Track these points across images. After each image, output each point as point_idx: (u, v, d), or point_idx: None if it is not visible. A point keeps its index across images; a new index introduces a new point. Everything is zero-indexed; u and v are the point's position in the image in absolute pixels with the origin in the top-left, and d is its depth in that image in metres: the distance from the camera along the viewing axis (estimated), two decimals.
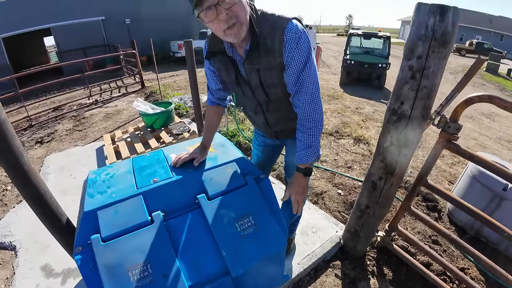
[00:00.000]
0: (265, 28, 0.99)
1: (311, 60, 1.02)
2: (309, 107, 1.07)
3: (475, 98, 1.30)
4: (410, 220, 2.36)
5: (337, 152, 3.60)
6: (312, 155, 1.14)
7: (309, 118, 1.09)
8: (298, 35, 0.96)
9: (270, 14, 1.01)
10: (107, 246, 0.99)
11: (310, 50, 1.00)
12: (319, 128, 1.12)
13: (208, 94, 1.37)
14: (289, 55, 0.99)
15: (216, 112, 1.39)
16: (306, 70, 1.02)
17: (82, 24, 13.54)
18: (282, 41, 0.97)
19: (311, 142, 1.12)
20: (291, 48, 0.98)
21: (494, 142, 4.92)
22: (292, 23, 0.97)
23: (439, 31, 1.20)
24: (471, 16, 31.13)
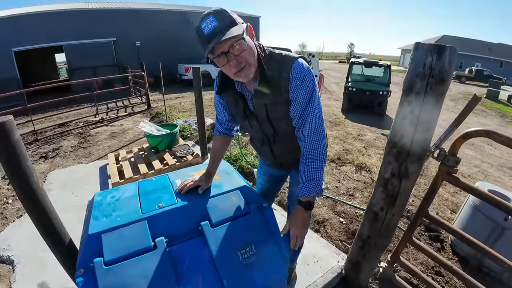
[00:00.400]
0: (273, 67, 1.07)
1: (315, 96, 1.08)
2: (313, 141, 1.12)
3: (472, 133, 1.34)
4: (412, 250, 2.32)
5: (339, 179, 3.60)
6: (314, 189, 1.15)
7: (312, 151, 1.13)
8: (303, 73, 1.04)
9: (277, 54, 1.09)
10: (110, 270, 1.00)
11: (314, 87, 1.07)
12: (322, 162, 1.14)
13: (217, 124, 1.43)
14: (294, 92, 1.06)
15: (223, 142, 1.45)
16: (310, 106, 1.08)
17: (94, 44, 14.00)
18: (288, 78, 1.04)
19: (314, 175, 1.14)
20: (296, 85, 1.05)
21: (496, 170, 4.91)
22: (298, 62, 1.05)
23: (436, 69, 1.26)
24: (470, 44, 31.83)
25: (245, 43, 0.97)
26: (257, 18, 20.57)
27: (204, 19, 0.93)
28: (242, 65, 1.00)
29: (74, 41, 13.48)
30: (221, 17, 0.93)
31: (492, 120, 9.39)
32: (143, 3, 18.63)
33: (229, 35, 0.90)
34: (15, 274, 1.92)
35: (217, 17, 0.92)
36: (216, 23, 0.91)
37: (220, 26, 0.91)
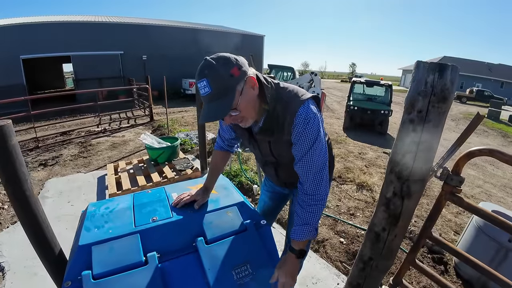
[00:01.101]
0: (279, 108, 1.05)
1: (317, 143, 1.04)
2: (311, 186, 1.08)
3: (476, 151, 1.32)
4: (415, 273, 2.24)
5: (339, 198, 3.54)
6: (308, 234, 1.10)
7: (310, 196, 1.09)
8: (307, 120, 1.01)
9: (286, 93, 1.06)
10: (98, 285, 0.95)
11: (318, 134, 1.03)
12: (319, 207, 1.10)
13: (218, 140, 1.42)
14: (296, 136, 1.04)
15: (223, 157, 1.43)
16: (311, 152, 1.04)
17: (101, 56, 14.32)
18: (292, 122, 1.03)
19: (309, 219, 1.10)
20: (299, 131, 1.03)
21: (499, 190, 4.84)
22: (304, 107, 1.01)
23: (438, 87, 1.25)
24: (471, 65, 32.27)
25: (239, 107, 0.96)
26: (262, 37, 21.08)
27: (199, 80, 0.91)
28: (238, 120, 1.02)
29: (82, 52, 13.78)
30: (215, 83, 0.89)
31: (494, 140, 9.37)
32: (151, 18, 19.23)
33: (221, 115, 0.93)
34: (4, 281, 1.88)
35: (211, 81, 0.89)
36: (209, 90, 0.89)
37: (212, 94, 0.90)
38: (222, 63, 0.90)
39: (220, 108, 0.92)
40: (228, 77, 0.90)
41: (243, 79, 0.94)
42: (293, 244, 1.13)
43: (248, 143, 1.25)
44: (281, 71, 12.50)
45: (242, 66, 0.94)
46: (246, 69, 0.96)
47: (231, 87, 0.92)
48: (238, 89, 0.93)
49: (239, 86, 0.93)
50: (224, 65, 0.90)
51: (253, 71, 1.01)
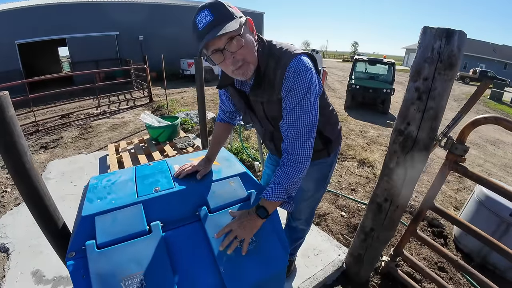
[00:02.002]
0: (270, 64, 1.00)
1: (307, 98, 0.97)
2: (292, 145, 1.02)
3: (481, 119, 1.29)
4: (415, 245, 2.28)
5: (341, 174, 3.56)
6: (278, 195, 1.03)
7: (289, 155, 1.04)
8: (297, 72, 0.94)
9: (277, 49, 1.00)
10: (102, 254, 0.96)
11: (309, 87, 0.97)
12: (296, 169, 1.02)
13: (220, 112, 1.40)
14: (285, 90, 0.98)
15: (224, 128, 1.41)
16: (298, 107, 0.98)
17: (97, 37, 14.01)
18: (283, 77, 0.97)
19: (281, 180, 1.04)
20: (288, 84, 0.97)
21: (500, 169, 4.87)
22: (295, 60, 0.95)
23: (445, 53, 1.22)
24: (475, 45, 31.70)
25: (242, 40, 0.90)
26: (261, 14, 20.45)
27: (199, 12, 0.87)
28: (240, 63, 0.94)
29: (77, 34, 13.48)
30: (217, 11, 0.86)
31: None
32: None
33: (223, 31, 0.83)
34: (9, 262, 1.90)
35: (212, 10, 0.85)
36: (211, 17, 0.85)
37: (214, 20, 0.85)
38: (220, 3, 0.88)
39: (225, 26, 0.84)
40: (229, 11, 0.88)
41: (243, 18, 0.93)
42: (262, 201, 1.06)
43: (245, 113, 1.22)
44: None
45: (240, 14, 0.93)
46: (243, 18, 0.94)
47: (233, 16, 0.89)
48: (240, 21, 0.90)
49: (241, 19, 0.91)
50: (223, 4, 0.88)
51: None
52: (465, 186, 3.64)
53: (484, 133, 7.57)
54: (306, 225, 1.59)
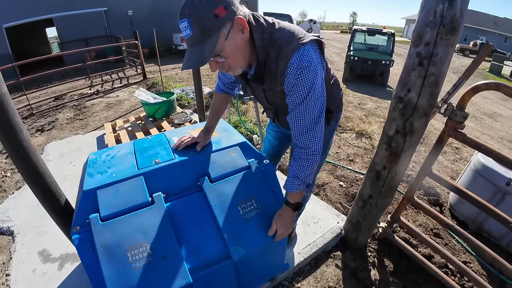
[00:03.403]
0: (271, 54, 0.95)
1: (311, 95, 0.95)
2: (303, 139, 1.02)
3: (482, 85, 1.27)
4: (412, 212, 2.34)
5: (339, 146, 3.58)
6: (298, 187, 1.08)
7: (301, 149, 1.04)
8: (300, 69, 0.90)
9: (279, 37, 0.93)
10: (106, 226, 0.98)
11: (313, 85, 0.93)
12: (310, 161, 1.05)
13: (219, 82, 1.35)
14: (288, 87, 0.96)
15: (223, 99, 1.37)
16: (304, 104, 0.96)
17: (84, 15, 13.43)
18: (284, 72, 0.93)
19: (298, 173, 1.06)
20: (291, 81, 0.93)
21: (496, 142, 4.91)
22: (298, 53, 0.89)
23: (447, 17, 1.18)
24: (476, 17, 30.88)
25: (222, 58, 0.88)
26: None
27: (180, 18, 0.81)
28: (226, 69, 0.94)
29: (64, 12, 12.92)
30: (197, 24, 0.80)
31: (494, 94, 9.23)
32: None
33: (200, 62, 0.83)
34: (15, 244, 1.91)
35: (192, 23, 0.80)
36: (190, 32, 0.81)
37: (193, 37, 0.82)
38: (206, 1, 0.79)
39: (201, 54, 0.83)
40: (211, 18, 0.80)
41: (229, 21, 0.83)
42: (288, 196, 1.13)
43: (245, 90, 1.20)
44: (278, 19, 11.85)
45: (230, 4, 0.82)
46: (235, 8, 0.84)
47: (215, 29, 0.82)
48: (223, 32, 0.83)
49: (224, 29, 0.83)
50: (208, 4, 0.79)
51: (244, 11, 0.90)
52: (462, 157, 3.68)
53: (482, 105, 7.55)
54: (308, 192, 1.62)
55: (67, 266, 1.71)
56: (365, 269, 1.76)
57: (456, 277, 1.77)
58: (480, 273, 1.83)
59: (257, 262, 1.26)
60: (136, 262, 0.93)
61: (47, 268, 1.71)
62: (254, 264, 1.25)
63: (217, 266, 1.04)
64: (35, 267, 1.72)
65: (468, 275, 1.54)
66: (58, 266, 1.71)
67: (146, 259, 0.94)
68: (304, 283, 1.65)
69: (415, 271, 1.77)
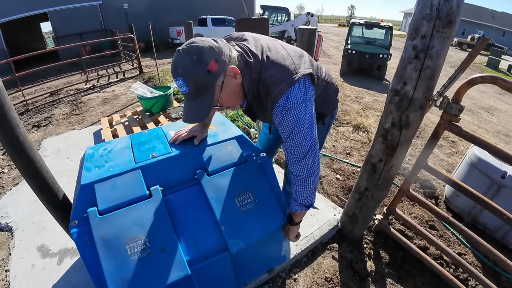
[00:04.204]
0: (261, 92, 0.98)
1: (296, 130, 0.96)
2: (294, 167, 1.05)
3: (478, 78, 1.28)
4: (407, 205, 2.37)
5: (336, 139, 3.59)
6: (299, 208, 1.14)
7: (294, 176, 1.08)
8: (285, 110, 0.93)
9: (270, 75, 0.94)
10: (104, 219, 0.98)
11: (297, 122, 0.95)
12: (304, 187, 1.08)
13: None
14: (276, 122, 1.00)
15: None
16: (290, 139, 0.99)
17: (79, 8, 13.22)
18: (272, 110, 0.97)
19: (296, 196, 1.12)
20: (276, 120, 0.99)
21: (492, 136, 4.93)
22: (284, 97, 0.92)
23: (443, 10, 1.18)
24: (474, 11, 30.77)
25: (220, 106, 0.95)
26: None
27: (174, 76, 0.84)
28: (224, 108, 1.02)
29: (58, 7, 12.72)
30: (191, 81, 0.83)
31: (491, 88, 9.26)
32: None
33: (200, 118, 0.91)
34: (14, 240, 1.91)
35: (187, 81, 0.82)
36: (187, 88, 0.84)
37: (190, 94, 0.86)
38: (196, 60, 0.80)
39: (200, 108, 0.88)
40: (204, 75, 0.82)
41: (222, 72, 0.86)
42: (293, 216, 1.20)
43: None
44: (275, 12, 11.76)
45: (220, 55, 0.84)
46: (225, 57, 0.85)
47: (210, 84, 0.85)
48: (218, 84, 0.87)
49: (218, 81, 0.87)
50: (199, 62, 0.81)
51: (233, 55, 0.91)
52: (458, 150, 3.70)
53: (478, 99, 7.58)
54: None
55: (66, 261, 1.72)
56: (361, 261, 1.78)
57: (451, 269, 1.80)
58: (475, 264, 1.86)
59: (255, 254, 1.28)
60: (135, 255, 0.94)
61: (46, 263, 1.71)
62: (252, 256, 1.27)
63: (215, 258, 1.05)
64: (34, 262, 1.72)
65: (463, 266, 1.57)
66: (57, 261, 1.72)
67: (144, 251, 0.95)
68: (301, 275, 1.68)
69: (411, 262, 1.80)
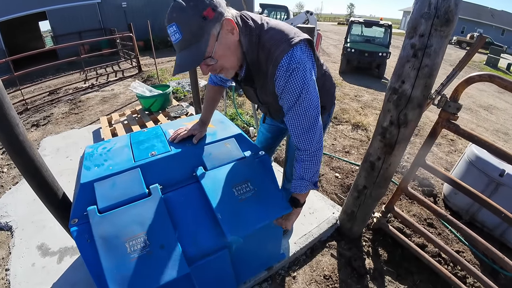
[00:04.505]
0: (261, 56, 0.94)
1: (304, 95, 0.93)
2: (301, 141, 1.02)
3: (475, 77, 1.29)
4: (406, 203, 2.38)
5: (335, 137, 3.60)
6: (306, 187, 1.09)
7: (302, 151, 1.04)
8: (289, 72, 0.90)
9: (269, 38, 0.92)
10: (104, 218, 0.99)
11: (303, 85, 0.92)
12: (313, 162, 1.05)
13: (211, 75, 1.34)
14: (279, 89, 0.96)
15: (217, 91, 1.37)
16: (297, 105, 0.95)
17: (77, 7, 13.18)
18: (274, 74, 0.93)
19: (304, 174, 1.07)
20: (281, 84, 0.93)
21: (491, 134, 4.94)
22: (287, 56, 0.89)
23: (442, 9, 1.19)
24: (473, 9, 30.73)
25: (213, 60, 0.87)
26: None
27: (167, 24, 0.81)
28: (218, 71, 0.94)
29: (57, 5, 12.67)
30: (185, 28, 0.79)
31: (490, 86, 9.26)
32: None
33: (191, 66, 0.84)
34: (14, 239, 1.92)
35: (181, 27, 0.79)
36: (180, 35, 0.80)
37: (183, 41, 0.81)
38: (193, 4, 0.78)
39: (192, 57, 0.83)
40: (200, 20, 0.79)
41: (218, 22, 0.83)
42: (297, 196, 1.14)
43: (237, 87, 1.22)
44: (274, 11, 11.72)
45: (217, 6, 0.82)
46: (222, 9, 0.83)
47: (204, 31, 0.81)
48: (213, 33, 0.83)
49: (214, 30, 0.83)
50: (196, 6, 0.78)
51: (232, 12, 0.89)
52: (457, 148, 3.71)
53: (477, 98, 7.58)
54: None
55: (66, 259, 1.72)
56: (359, 258, 1.79)
57: (449, 266, 1.81)
58: (473, 262, 1.87)
59: (254, 251, 1.28)
60: (134, 253, 0.95)
61: (46, 261, 1.72)
62: (251, 253, 1.28)
63: (215, 256, 1.06)
64: (34, 261, 1.73)
65: (461, 264, 1.58)
66: (57, 260, 1.73)
67: (144, 249, 0.96)
68: (300, 272, 1.69)
69: (409, 260, 1.81)
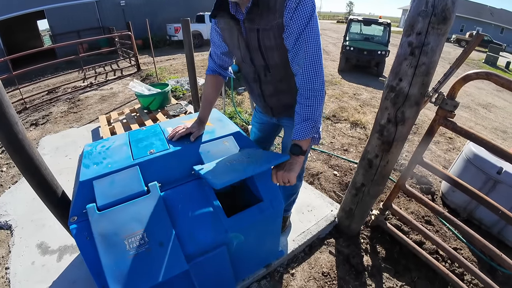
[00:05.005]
0: None
1: (313, 22, 0.93)
2: (308, 73, 0.98)
3: (472, 74, 1.29)
4: (403, 200, 2.39)
5: (334, 136, 3.61)
6: (310, 130, 1.02)
7: (308, 85, 1.00)
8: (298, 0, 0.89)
9: None
10: (103, 215, 1.00)
11: (313, 11, 0.92)
12: (318, 99, 1.01)
13: (210, 62, 1.32)
14: (288, 15, 0.94)
15: (214, 84, 1.34)
16: (307, 31, 0.93)
17: (76, 6, 13.13)
18: (284, 2, 0.92)
19: (309, 114, 1.01)
20: (291, 7, 0.92)
21: (490, 132, 4.96)
22: None
23: (439, 7, 1.20)
24: (473, 7, 30.70)
25: None
26: None
27: None
28: None
29: (55, 4, 12.61)
30: None
31: (489, 85, 9.28)
32: None
33: None
34: (13, 238, 1.92)
35: None
36: None
37: None
38: None
39: None
40: None
41: None
42: (299, 143, 1.05)
43: (237, 47, 1.15)
44: None
45: None
46: None
47: None
48: None
49: None
50: None
51: None
52: (455, 146, 3.73)
53: (476, 96, 7.60)
54: (298, 180, 1.62)
55: (66, 258, 1.73)
56: (358, 255, 1.81)
57: (447, 263, 1.82)
58: (471, 259, 1.89)
59: (253, 248, 1.29)
60: (133, 250, 0.96)
61: (46, 260, 1.72)
62: (250, 250, 1.29)
63: (213, 253, 1.07)
64: (34, 259, 1.73)
65: (458, 261, 1.58)
66: (57, 258, 1.73)
67: (143, 246, 0.97)
68: (299, 269, 1.70)
69: (407, 257, 1.82)
